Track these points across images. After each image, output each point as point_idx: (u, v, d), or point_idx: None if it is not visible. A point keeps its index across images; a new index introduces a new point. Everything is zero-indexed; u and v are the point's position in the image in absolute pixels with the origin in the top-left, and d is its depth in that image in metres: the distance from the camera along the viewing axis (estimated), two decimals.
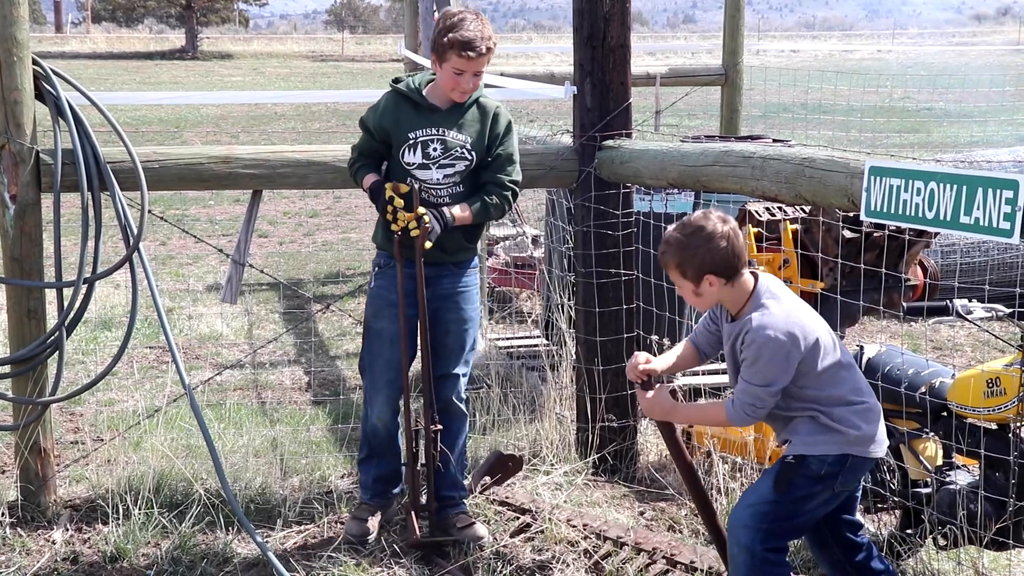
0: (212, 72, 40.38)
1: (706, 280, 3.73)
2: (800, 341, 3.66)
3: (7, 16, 4.86)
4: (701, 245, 3.71)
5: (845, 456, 3.75)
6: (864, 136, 16.25)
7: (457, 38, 4.60)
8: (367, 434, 5.03)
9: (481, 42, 4.62)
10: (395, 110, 4.79)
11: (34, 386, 5.10)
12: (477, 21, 4.65)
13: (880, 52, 40.70)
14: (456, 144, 4.78)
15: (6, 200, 5.01)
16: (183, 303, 9.19)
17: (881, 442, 3.81)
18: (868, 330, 8.34)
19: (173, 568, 4.68)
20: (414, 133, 4.76)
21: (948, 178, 3.72)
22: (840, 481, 3.78)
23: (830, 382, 3.74)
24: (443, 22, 4.68)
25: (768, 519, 3.79)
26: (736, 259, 3.72)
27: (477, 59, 4.63)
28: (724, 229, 3.72)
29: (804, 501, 3.79)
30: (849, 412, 3.75)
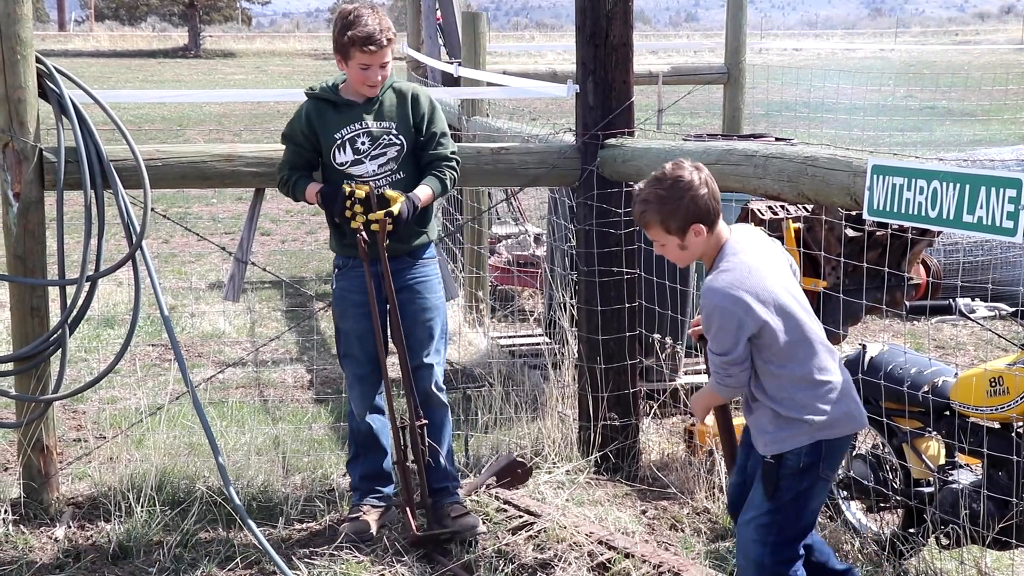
0: (215, 70, 40.37)
1: (692, 231, 3.65)
2: (754, 309, 3.53)
3: (11, 14, 4.86)
4: (683, 195, 3.62)
5: (818, 443, 3.64)
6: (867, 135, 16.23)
7: (357, 35, 4.67)
8: (351, 432, 5.12)
9: (380, 34, 4.68)
10: (317, 115, 4.83)
11: (37, 384, 5.10)
12: (373, 15, 4.71)
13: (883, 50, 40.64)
14: (381, 132, 4.82)
15: (10, 198, 5.01)
16: (185, 301, 9.20)
17: (852, 417, 3.69)
18: (871, 329, 8.34)
19: (175, 566, 4.69)
20: (339, 132, 4.81)
21: (951, 177, 3.72)
22: (823, 468, 3.68)
23: (792, 358, 3.61)
24: (341, 21, 4.74)
25: (773, 530, 3.70)
26: (717, 203, 3.67)
27: (379, 52, 4.69)
28: (702, 176, 3.66)
29: (798, 499, 3.69)
30: (811, 397, 3.62)
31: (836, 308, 5.18)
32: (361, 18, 4.70)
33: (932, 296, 5.41)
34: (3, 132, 4.96)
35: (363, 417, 5.02)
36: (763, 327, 3.56)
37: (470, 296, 8.27)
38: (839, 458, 3.80)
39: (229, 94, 22.05)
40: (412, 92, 4.87)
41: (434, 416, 4.96)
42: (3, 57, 4.88)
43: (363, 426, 5.03)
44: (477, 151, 5.64)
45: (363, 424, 5.03)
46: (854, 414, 3.72)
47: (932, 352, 7.65)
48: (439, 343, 5.01)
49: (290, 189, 4.90)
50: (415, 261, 4.94)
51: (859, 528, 4.82)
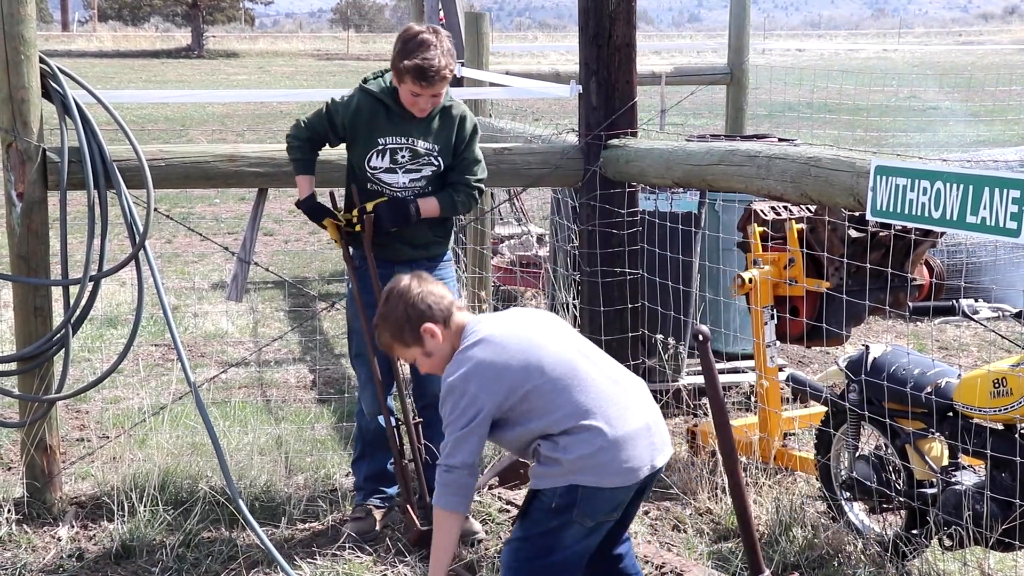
0: (218, 70, 40.40)
1: (425, 332, 3.63)
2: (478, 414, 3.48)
3: (14, 14, 4.86)
4: (399, 302, 3.65)
5: (574, 487, 3.48)
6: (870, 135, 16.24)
7: (410, 66, 4.54)
8: (359, 431, 5.12)
9: (435, 73, 4.54)
10: (368, 112, 4.75)
11: (40, 383, 5.11)
12: (436, 45, 4.54)
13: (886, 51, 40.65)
14: (424, 152, 4.78)
15: (13, 198, 5.02)
16: (188, 301, 9.20)
17: (619, 472, 3.49)
18: (874, 330, 8.33)
19: (178, 565, 4.69)
20: (384, 139, 4.75)
21: (954, 178, 3.72)
22: (579, 512, 3.52)
23: (539, 413, 3.50)
24: (401, 42, 4.59)
25: (522, 555, 3.62)
26: (439, 298, 3.66)
27: (433, 87, 4.59)
28: (408, 280, 3.69)
29: (551, 536, 3.57)
30: (568, 439, 3.48)
31: (839, 309, 5.18)
32: (421, 48, 4.53)
33: (935, 297, 5.41)
34: (7, 132, 4.97)
35: (373, 416, 5.01)
36: (502, 402, 3.50)
37: (473, 297, 8.27)
38: (603, 508, 3.56)
39: (232, 94, 22.08)
40: (460, 115, 4.81)
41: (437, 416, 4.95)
42: (6, 57, 4.89)
43: (371, 425, 5.02)
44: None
45: (372, 423, 5.02)
46: (619, 471, 3.50)
47: (935, 353, 7.65)
48: None
49: (292, 159, 4.88)
50: (434, 265, 4.94)
51: (862, 529, 4.82)
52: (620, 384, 3.64)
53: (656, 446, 3.60)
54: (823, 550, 4.69)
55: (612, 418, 3.51)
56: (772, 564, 4.53)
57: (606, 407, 3.53)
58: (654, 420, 3.65)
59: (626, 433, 3.52)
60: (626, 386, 3.65)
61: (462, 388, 3.50)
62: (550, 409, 3.51)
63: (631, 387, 3.66)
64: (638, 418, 3.58)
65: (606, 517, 3.62)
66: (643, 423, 3.59)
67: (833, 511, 4.92)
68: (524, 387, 3.50)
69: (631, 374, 3.76)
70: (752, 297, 5.36)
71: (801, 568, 4.57)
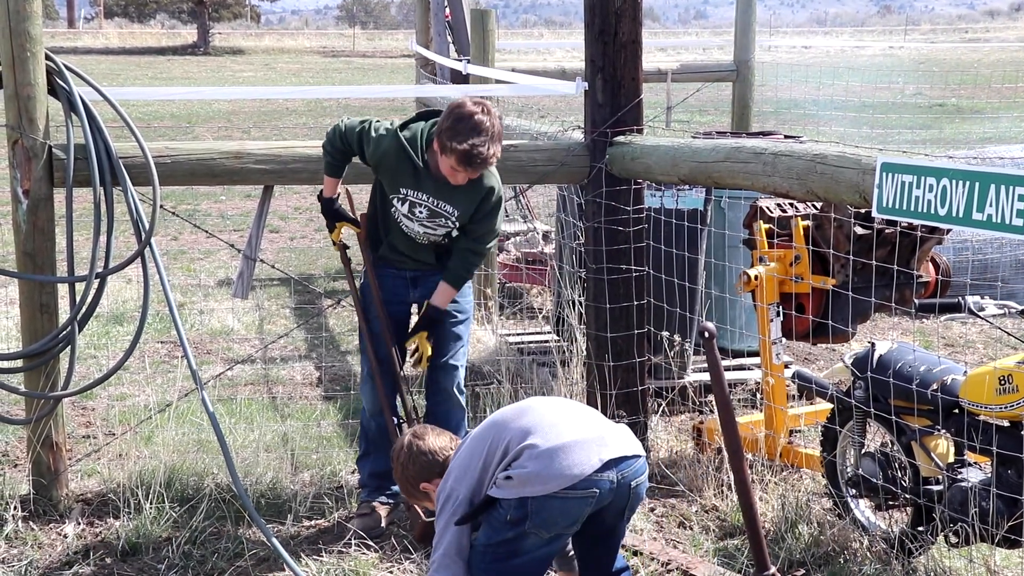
0: (224, 68, 40.40)
1: (425, 489, 3.96)
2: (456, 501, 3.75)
3: (20, 11, 4.87)
4: (397, 465, 4.01)
5: (524, 499, 3.63)
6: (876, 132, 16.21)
7: (461, 151, 4.46)
8: (363, 429, 5.15)
9: (482, 163, 4.51)
10: (396, 160, 4.75)
11: (46, 380, 5.11)
12: (487, 134, 4.45)
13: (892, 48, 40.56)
14: (443, 213, 4.79)
15: (19, 195, 5.02)
16: (194, 298, 9.21)
17: (561, 474, 3.61)
18: (880, 327, 8.33)
19: (184, 562, 4.70)
20: (405, 191, 4.78)
21: (961, 175, 3.71)
22: (532, 524, 3.65)
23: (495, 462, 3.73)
24: (454, 120, 4.48)
25: (487, 559, 3.76)
26: (434, 454, 3.93)
27: (475, 172, 4.59)
28: (405, 441, 3.99)
29: (510, 544, 3.72)
30: (516, 461, 3.67)
31: (845, 306, 5.18)
32: (473, 133, 4.44)
33: (941, 294, 5.40)
34: (13, 129, 4.97)
35: (374, 415, 5.03)
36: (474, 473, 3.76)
37: (479, 294, 8.27)
38: (557, 519, 3.68)
39: (238, 91, 22.09)
40: (488, 188, 4.76)
41: (451, 417, 4.98)
42: (12, 54, 4.89)
43: (373, 423, 5.05)
44: None
45: (374, 421, 5.05)
46: (559, 472, 3.62)
47: (941, 350, 7.64)
48: (464, 347, 5.06)
49: (324, 158, 4.94)
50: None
51: (868, 526, 4.82)
52: (569, 415, 3.83)
53: (605, 446, 3.71)
54: (829, 547, 4.68)
55: (548, 434, 3.69)
56: (778, 561, 4.52)
57: (544, 428, 3.71)
58: (603, 432, 3.77)
59: (563, 443, 3.67)
60: (569, 416, 3.82)
61: (442, 489, 3.83)
62: (500, 451, 3.73)
63: (575, 417, 3.84)
64: (579, 431, 3.73)
65: (564, 529, 3.73)
66: (585, 435, 3.72)
67: (839, 508, 4.92)
68: (482, 453, 3.76)
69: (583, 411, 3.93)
70: (758, 294, 5.36)
71: (807, 565, 4.57)
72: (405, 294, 5.02)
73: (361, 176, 5.16)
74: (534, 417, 3.78)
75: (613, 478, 3.67)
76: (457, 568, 3.76)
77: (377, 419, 5.03)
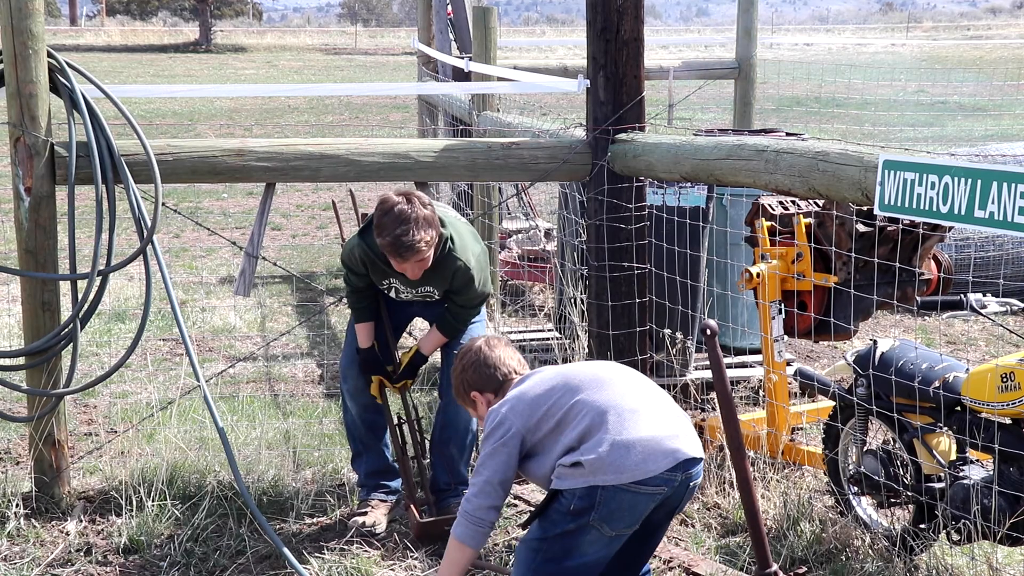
0: (226, 65, 40.40)
1: (473, 398, 3.99)
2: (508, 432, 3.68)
3: (22, 9, 4.87)
4: (458, 365, 4.03)
5: (593, 488, 3.56)
6: (878, 130, 16.20)
7: (386, 244, 4.56)
8: (348, 430, 5.19)
9: (409, 249, 4.53)
10: (370, 263, 4.84)
11: (48, 378, 5.12)
12: (409, 222, 4.50)
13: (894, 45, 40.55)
14: (425, 292, 4.93)
15: (21, 192, 5.02)
16: (196, 295, 9.21)
17: (637, 466, 3.56)
18: (882, 324, 8.33)
19: (186, 560, 4.70)
20: (386, 282, 4.91)
21: (963, 172, 3.71)
22: (597, 516, 3.58)
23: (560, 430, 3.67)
24: (378, 216, 4.59)
25: (539, 557, 3.69)
26: (494, 369, 3.94)
27: (409, 260, 4.60)
28: (476, 344, 4.01)
29: (568, 538, 3.64)
30: (587, 444, 3.60)
31: (847, 303, 5.17)
32: (394, 224, 4.52)
33: (943, 291, 5.40)
34: (15, 127, 4.98)
35: (358, 413, 5.09)
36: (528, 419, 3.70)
37: None
38: (623, 514, 3.62)
39: (240, 89, 22.04)
40: (454, 268, 4.78)
41: (460, 415, 4.97)
42: (14, 52, 4.89)
43: (358, 422, 5.11)
44: (488, 146, 5.64)
45: (358, 420, 5.11)
46: (635, 463, 3.56)
47: (943, 348, 7.64)
48: None
49: (352, 311, 5.08)
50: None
51: (870, 524, 4.82)
52: (648, 401, 3.74)
53: (680, 446, 3.65)
54: (831, 544, 4.68)
55: (627, 421, 3.60)
56: (780, 559, 4.52)
57: (624, 412, 3.62)
58: (680, 430, 3.71)
59: (643, 436, 3.60)
60: (648, 403, 3.73)
61: (495, 413, 3.75)
62: (571, 423, 3.64)
63: (654, 405, 3.75)
64: (658, 425, 3.66)
65: (626, 528, 3.65)
66: (664, 431, 3.65)
67: (841, 506, 4.92)
68: (547, 402, 3.68)
69: (661, 398, 3.83)
70: (760, 292, 5.35)
71: (809, 562, 4.57)
72: (408, 306, 5.13)
73: (364, 173, 5.16)
74: (613, 395, 3.69)
75: (679, 478, 3.63)
76: (496, 497, 3.69)
77: (363, 417, 5.05)
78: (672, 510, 3.78)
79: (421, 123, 12.32)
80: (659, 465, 3.58)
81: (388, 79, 31.08)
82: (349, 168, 5.37)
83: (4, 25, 4.88)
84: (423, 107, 12.25)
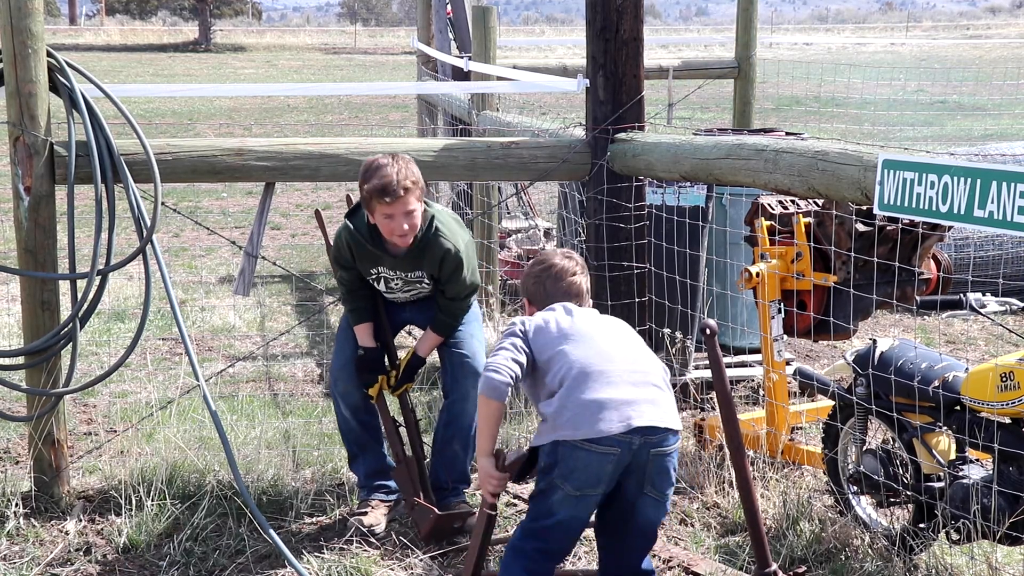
0: (225, 64, 40.41)
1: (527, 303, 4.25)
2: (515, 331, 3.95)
3: (22, 8, 4.87)
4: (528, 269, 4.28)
5: (555, 444, 3.76)
6: (877, 129, 16.20)
7: (373, 186, 4.56)
8: (342, 433, 5.16)
9: (398, 185, 4.54)
10: (355, 249, 4.83)
11: (48, 377, 5.11)
12: (393, 164, 4.58)
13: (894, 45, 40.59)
14: (415, 279, 4.87)
15: (20, 192, 5.02)
16: (196, 295, 9.21)
17: (585, 426, 3.71)
18: (881, 324, 8.33)
19: (185, 559, 4.70)
20: (375, 270, 4.87)
21: (962, 171, 3.71)
22: (558, 473, 3.75)
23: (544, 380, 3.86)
24: (362, 172, 4.64)
25: (527, 517, 3.91)
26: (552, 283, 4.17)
27: (398, 201, 4.58)
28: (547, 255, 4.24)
29: (542, 497, 3.82)
30: (555, 396, 3.79)
31: (846, 303, 5.17)
32: (379, 168, 4.58)
33: (943, 291, 5.40)
34: (14, 126, 4.97)
35: (352, 413, 5.06)
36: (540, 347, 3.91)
37: (480, 291, 8.26)
38: (582, 473, 3.74)
39: (239, 88, 22.02)
40: (443, 249, 4.75)
41: (464, 413, 4.96)
42: (14, 51, 4.89)
43: (351, 424, 5.08)
44: (487, 146, 5.64)
45: (351, 422, 5.08)
46: (589, 421, 3.72)
47: (943, 347, 7.64)
48: (482, 346, 5.12)
49: (349, 314, 5.04)
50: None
51: (869, 523, 4.82)
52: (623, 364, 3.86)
53: (639, 413, 3.75)
54: (830, 544, 4.68)
55: (592, 383, 3.77)
56: (779, 558, 4.52)
57: (593, 374, 3.79)
58: (648, 398, 3.81)
59: (601, 398, 3.74)
60: (621, 367, 3.85)
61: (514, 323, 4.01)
62: (551, 369, 3.85)
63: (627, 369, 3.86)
64: (622, 389, 3.78)
65: (588, 487, 3.77)
66: (627, 396, 3.77)
67: (840, 505, 4.92)
68: (546, 337, 3.92)
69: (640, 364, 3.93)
70: (759, 291, 5.36)
71: (808, 562, 4.57)
72: (401, 311, 5.11)
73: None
74: (588, 352, 3.85)
75: (636, 441, 3.73)
76: (517, 353, 3.86)
77: (357, 419, 5.04)
78: (642, 480, 3.82)
79: (421, 122, 12.32)
80: (611, 427, 3.71)
81: (387, 79, 31.09)
82: (349, 167, 5.37)
83: (4, 24, 4.88)
84: (423, 107, 12.25)
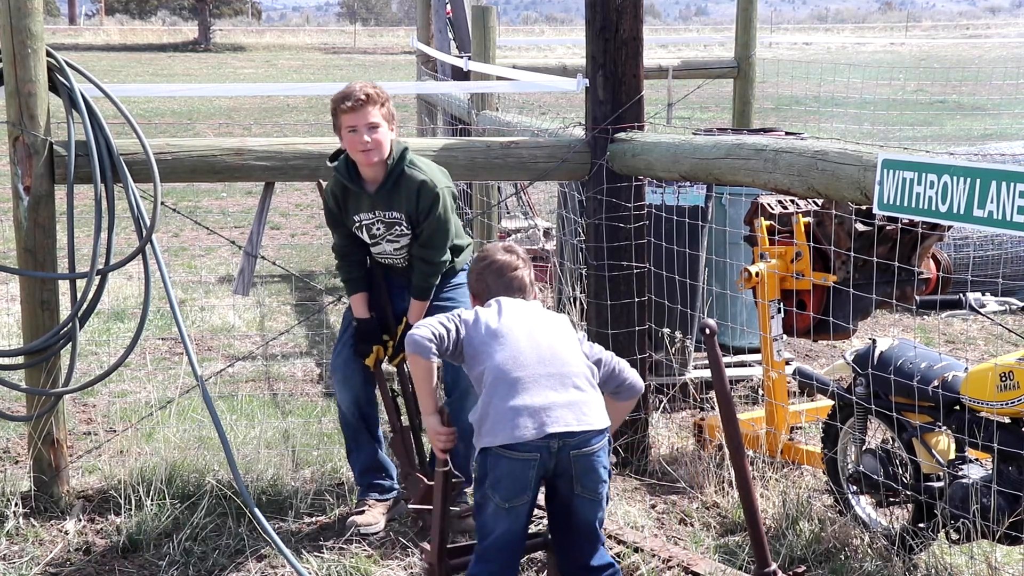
0: (225, 64, 40.40)
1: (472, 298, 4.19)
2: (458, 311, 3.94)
3: (21, 8, 4.87)
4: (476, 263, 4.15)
5: (483, 451, 3.73)
6: (877, 129, 16.20)
7: (336, 99, 4.65)
8: (342, 424, 5.17)
9: (359, 90, 4.62)
10: (340, 195, 4.85)
11: (47, 377, 5.11)
12: (358, 84, 4.70)
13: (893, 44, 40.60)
14: (394, 221, 4.83)
15: (20, 191, 5.02)
16: (195, 295, 9.21)
17: (504, 433, 3.67)
18: (881, 324, 8.33)
19: (185, 559, 4.70)
20: (357, 216, 4.85)
21: (962, 171, 3.71)
22: (488, 484, 3.70)
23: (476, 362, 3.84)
24: (332, 100, 4.72)
25: (477, 538, 3.85)
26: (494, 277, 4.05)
27: (360, 108, 4.60)
28: (494, 249, 4.13)
29: (479, 511, 3.79)
30: (480, 404, 3.77)
31: (846, 303, 5.17)
32: (345, 90, 4.69)
33: (942, 291, 5.40)
34: (14, 126, 4.97)
35: (348, 407, 5.07)
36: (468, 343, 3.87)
37: None
38: (507, 482, 3.69)
39: (239, 88, 21.99)
40: (419, 184, 4.75)
41: (464, 412, 4.95)
42: (13, 51, 4.89)
43: (348, 416, 5.09)
44: (487, 145, 5.64)
45: (348, 414, 5.09)
46: (506, 426, 3.68)
47: (942, 347, 7.64)
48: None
49: (345, 284, 5.06)
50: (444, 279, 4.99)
51: (869, 523, 4.82)
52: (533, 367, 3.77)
53: (554, 418, 3.69)
54: (830, 544, 4.69)
55: (509, 389, 3.71)
56: (779, 558, 4.52)
57: (509, 380, 3.73)
58: (565, 401, 3.74)
59: (517, 405, 3.69)
60: (539, 371, 3.77)
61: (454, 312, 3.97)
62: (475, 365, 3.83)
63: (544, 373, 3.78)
64: (538, 395, 3.71)
65: (516, 498, 3.71)
66: (543, 400, 3.71)
67: (840, 505, 4.92)
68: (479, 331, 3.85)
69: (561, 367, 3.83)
70: (759, 291, 5.36)
71: (808, 562, 4.57)
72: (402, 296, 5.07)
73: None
74: (507, 356, 3.77)
75: (555, 445, 3.69)
76: (439, 322, 3.86)
77: (357, 409, 5.05)
78: (571, 482, 3.76)
79: (420, 122, 12.33)
80: (526, 433, 3.66)
81: (387, 78, 31.06)
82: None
83: (3, 24, 4.88)
84: (422, 106, 12.25)
